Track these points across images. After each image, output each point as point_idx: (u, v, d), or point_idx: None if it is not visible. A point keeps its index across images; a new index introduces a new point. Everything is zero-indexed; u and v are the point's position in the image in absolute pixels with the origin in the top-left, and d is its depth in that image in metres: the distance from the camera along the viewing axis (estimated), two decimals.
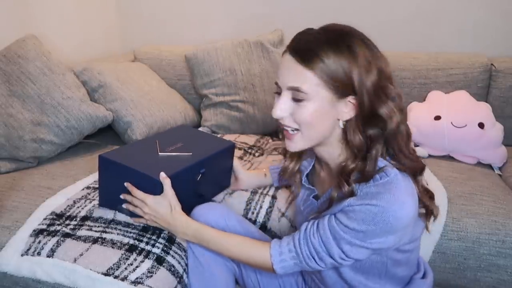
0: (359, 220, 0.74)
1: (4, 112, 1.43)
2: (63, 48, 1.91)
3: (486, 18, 1.88)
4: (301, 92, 0.75)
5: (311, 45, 0.74)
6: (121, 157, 1.04)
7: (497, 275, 1.21)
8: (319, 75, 0.74)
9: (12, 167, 1.45)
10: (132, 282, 0.93)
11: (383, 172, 0.76)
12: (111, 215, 1.11)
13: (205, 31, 2.26)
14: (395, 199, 0.73)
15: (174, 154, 1.08)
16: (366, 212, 0.74)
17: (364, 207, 0.74)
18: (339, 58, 0.73)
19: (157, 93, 1.84)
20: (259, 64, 1.84)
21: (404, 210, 0.74)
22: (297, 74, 0.75)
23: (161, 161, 1.05)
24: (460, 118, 1.57)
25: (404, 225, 0.75)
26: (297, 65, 0.75)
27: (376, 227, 0.73)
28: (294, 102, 0.78)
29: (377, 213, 0.73)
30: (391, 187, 0.74)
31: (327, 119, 0.78)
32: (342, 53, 0.73)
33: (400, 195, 0.74)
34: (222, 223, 1.00)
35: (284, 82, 0.78)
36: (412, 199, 0.76)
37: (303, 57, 0.74)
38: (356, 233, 0.76)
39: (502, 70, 1.75)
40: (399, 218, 0.73)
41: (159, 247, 1.03)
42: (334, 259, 0.79)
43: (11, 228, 1.11)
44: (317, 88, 0.75)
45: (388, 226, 0.73)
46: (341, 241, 0.77)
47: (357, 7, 1.98)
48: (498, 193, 1.33)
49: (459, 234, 1.21)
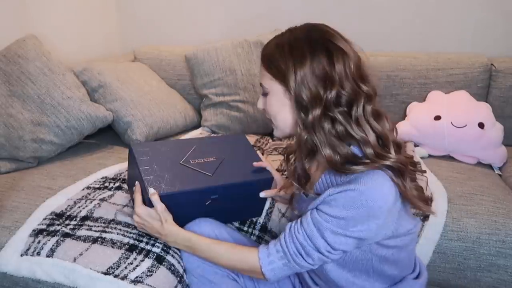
0: (340, 206, 0.77)
1: (4, 112, 1.44)
2: (63, 48, 1.91)
3: (486, 18, 1.88)
4: (263, 87, 0.88)
5: (268, 48, 0.87)
6: (143, 153, 1.02)
7: (497, 275, 1.21)
8: (269, 71, 0.85)
9: (12, 167, 1.45)
10: (132, 281, 0.93)
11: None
12: (111, 215, 1.11)
13: (205, 31, 2.26)
14: (373, 181, 0.75)
15: (193, 169, 1.02)
16: (346, 198, 0.76)
17: (344, 193, 0.77)
18: (281, 56, 0.82)
19: (157, 93, 1.84)
20: (259, 64, 1.84)
21: (383, 192, 0.76)
22: (261, 72, 0.89)
23: (173, 172, 1.00)
24: (460, 118, 1.57)
25: (384, 209, 0.76)
26: (261, 65, 0.89)
27: (357, 212, 0.75)
28: (265, 97, 0.90)
29: (356, 197, 0.75)
30: (369, 172, 0.76)
31: (285, 110, 0.86)
32: (284, 52, 0.82)
33: (377, 178, 0.76)
34: (212, 236, 1.00)
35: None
36: (390, 184, 0.77)
37: (262, 58, 0.88)
38: (338, 220, 0.77)
39: (502, 70, 1.75)
40: (378, 200, 0.75)
41: (159, 246, 1.03)
42: (321, 252, 0.80)
43: (11, 228, 1.11)
44: (271, 82, 0.85)
45: (368, 210, 0.75)
46: (325, 232, 0.79)
47: (357, 7, 1.98)
48: (498, 193, 1.33)
49: (459, 234, 1.21)
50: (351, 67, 0.80)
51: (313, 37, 0.82)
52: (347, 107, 0.80)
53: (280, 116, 0.87)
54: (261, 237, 1.18)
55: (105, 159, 1.56)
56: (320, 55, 0.79)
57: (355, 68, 0.80)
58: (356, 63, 0.81)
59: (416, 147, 1.66)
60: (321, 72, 0.79)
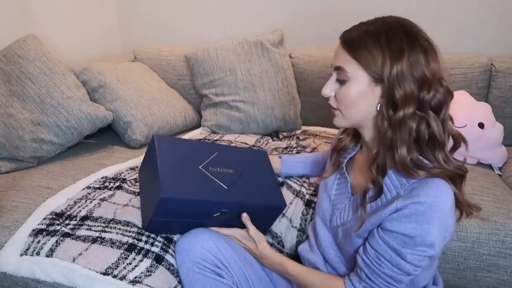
0: (413, 222, 0.74)
1: (4, 112, 1.44)
2: (63, 48, 1.91)
3: (486, 18, 1.88)
4: (344, 72, 0.81)
5: (355, 33, 0.81)
6: (165, 148, 0.99)
7: (497, 275, 1.20)
8: (358, 59, 0.79)
9: (12, 167, 1.45)
10: (131, 281, 0.93)
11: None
12: (111, 215, 1.11)
13: (205, 31, 2.26)
14: (440, 192, 0.74)
15: (210, 177, 0.99)
16: (415, 212, 0.74)
17: (412, 208, 0.75)
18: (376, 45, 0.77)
19: (157, 93, 1.84)
20: (259, 64, 1.84)
21: (448, 200, 0.75)
22: (342, 56, 0.82)
23: (191, 175, 0.97)
24: (460, 118, 1.57)
25: (452, 219, 0.76)
26: (342, 49, 0.82)
27: (430, 225, 0.74)
28: (338, 83, 0.84)
29: (426, 211, 0.73)
30: (432, 182, 0.75)
31: (365, 101, 0.81)
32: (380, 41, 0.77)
33: (442, 187, 0.75)
34: (212, 246, 0.99)
35: (333, 63, 0.84)
36: (451, 192, 0.77)
37: (347, 42, 0.81)
38: (412, 239, 0.75)
39: (502, 70, 1.75)
40: (445, 210, 0.74)
41: (158, 245, 1.03)
42: (411, 274, 0.78)
43: (11, 228, 1.11)
44: (356, 70, 0.80)
45: (440, 220, 0.74)
46: (407, 256, 0.77)
47: (357, 7, 1.98)
48: (498, 193, 1.33)
49: (459, 234, 1.21)
50: (440, 67, 0.78)
51: (408, 31, 0.78)
52: (437, 108, 0.78)
53: (356, 107, 0.82)
54: None
55: (105, 159, 1.56)
56: (418, 52, 0.76)
57: (441, 68, 0.79)
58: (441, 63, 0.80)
59: None
60: (419, 70, 0.76)
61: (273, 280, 1.05)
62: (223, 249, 0.99)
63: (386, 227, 0.78)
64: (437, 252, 0.77)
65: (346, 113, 0.85)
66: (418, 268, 0.78)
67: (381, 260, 0.79)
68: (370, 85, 0.80)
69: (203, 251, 0.97)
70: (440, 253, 0.82)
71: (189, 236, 1.01)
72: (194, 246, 0.98)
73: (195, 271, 0.96)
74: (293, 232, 1.18)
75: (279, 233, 1.19)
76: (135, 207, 1.15)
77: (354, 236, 0.85)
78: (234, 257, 1.00)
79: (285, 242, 1.18)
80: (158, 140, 1.01)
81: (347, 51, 0.80)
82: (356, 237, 0.85)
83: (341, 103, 0.84)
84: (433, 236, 0.75)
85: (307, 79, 1.96)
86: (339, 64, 0.82)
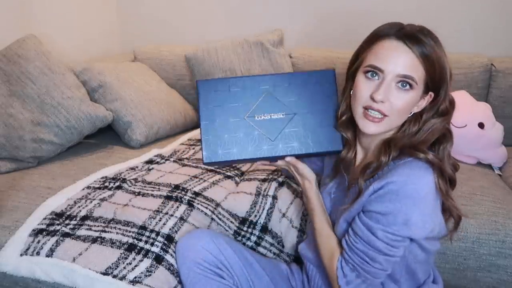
0: (386, 201, 0.77)
1: (4, 112, 1.44)
2: (63, 48, 1.91)
3: (486, 18, 1.88)
4: (412, 82, 0.80)
5: (421, 35, 0.80)
6: (208, 97, 0.94)
7: (497, 275, 1.20)
8: (425, 67, 0.80)
9: (12, 167, 1.45)
10: (131, 281, 0.93)
11: (403, 157, 0.81)
12: (111, 215, 1.11)
13: (205, 31, 2.26)
14: (412, 173, 0.77)
15: (256, 130, 0.94)
16: (388, 192, 0.77)
17: (386, 187, 0.77)
18: (442, 53, 0.81)
19: (157, 93, 1.84)
20: (259, 64, 1.84)
21: (423, 182, 0.77)
22: (410, 63, 0.79)
23: (234, 130, 0.93)
24: (460, 118, 1.57)
25: (427, 199, 0.77)
26: (410, 54, 0.79)
27: (402, 204, 0.76)
28: (396, 90, 0.81)
29: (399, 190, 0.76)
30: (411, 166, 0.78)
31: (410, 109, 0.84)
32: (442, 50, 0.82)
33: (419, 171, 0.77)
34: (212, 246, 0.99)
35: (394, 69, 0.80)
36: (431, 178, 0.78)
37: (416, 46, 0.79)
38: (385, 217, 0.78)
39: (502, 70, 1.75)
40: (419, 190, 0.76)
41: (158, 245, 1.03)
42: (384, 253, 0.80)
43: (11, 228, 1.11)
44: (421, 80, 0.81)
45: (412, 199, 0.76)
46: (378, 232, 0.79)
47: (356, 7, 1.98)
48: (498, 193, 1.33)
49: (459, 234, 1.21)
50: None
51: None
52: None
53: (404, 116, 0.84)
54: (261, 237, 1.18)
55: (105, 159, 1.56)
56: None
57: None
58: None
59: None
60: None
61: (273, 280, 1.05)
62: (224, 250, 1.00)
63: (365, 209, 0.82)
64: (416, 235, 0.79)
65: (394, 120, 0.84)
66: (393, 248, 0.79)
67: (356, 237, 0.82)
68: (422, 95, 0.83)
69: (204, 252, 0.97)
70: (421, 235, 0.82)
71: (190, 237, 1.01)
72: (195, 246, 0.98)
73: (196, 272, 0.96)
74: (293, 232, 1.18)
75: (279, 233, 1.19)
76: (135, 207, 1.15)
77: (342, 220, 0.88)
78: (235, 257, 1.00)
79: (285, 242, 1.18)
80: (202, 87, 0.94)
81: (423, 65, 0.80)
82: (343, 222, 0.88)
83: (391, 109, 0.81)
84: (407, 216, 0.76)
85: None
86: (409, 72, 0.80)
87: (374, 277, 0.83)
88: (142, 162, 1.49)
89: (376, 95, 0.80)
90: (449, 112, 0.85)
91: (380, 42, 0.82)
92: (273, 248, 1.17)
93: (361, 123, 0.84)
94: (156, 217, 1.10)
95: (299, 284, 1.06)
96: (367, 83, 0.82)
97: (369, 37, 0.86)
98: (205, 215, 1.16)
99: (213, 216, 1.17)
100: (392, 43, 0.81)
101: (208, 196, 1.22)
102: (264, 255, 1.16)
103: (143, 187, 1.26)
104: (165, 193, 1.21)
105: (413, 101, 0.82)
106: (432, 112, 0.85)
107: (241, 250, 1.04)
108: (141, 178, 1.33)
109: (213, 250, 0.98)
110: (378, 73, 0.81)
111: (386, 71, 0.80)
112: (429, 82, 0.82)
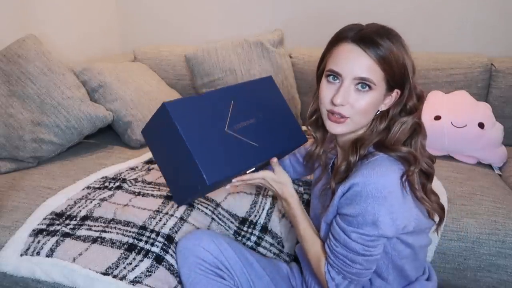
0: (354, 203, 0.79)
1: (4, 112, 1.44)
2: (63, 48, 1.91)
3: (486, 18, 1.88)
4: (370, 83, 0.80)
5: (376, 37, 0.80)
6: (182, 116, 0.85)
7: (497, 275, 1.20)
8: (382, 68, 0.80)
9: (12, 167, 1.45)
10: (131, 282, 0.93)
11: (372, 156, 0.82)
12: (111, 215, 1.11)
13: (205, 31, 2.26)
14: (374, 172, 0.77)
15: (240, 139, 0.91)
16: (354, 194, 0.78)
17: (351, 189, 0.79)
18: (400, 52, 0.81)
19: (157, 93, 1.84)
20: (259, 64, 1.84)
21: (385, 180, 0.77)
22: (366, 65, 0.80)
23: (219, 143, 0.88)
24: (460, 118, 1.57)
25: (392, 197, 0.77)
26: (365, 57, 0.80)
27: (368, 204, 0.77)
28: (355, 92, 0.82)
29: (362, 191, 0.77)
30: (374, 165, 0.79)
31: (375, 109, 0.85)
32: (400, 48, 0.82)
33: (380, 169, 0.78)
34: (213, 247, 0.99)
35: (350, 72, 0.81)
36: (394, 175, 0.79)
37: (371, 48, 0.79)
38: (355, 218, 0.79)
39: (502, 70, 1.75)
40: (381, 189, 0.76)
41: (158, 245, 1.03)
42: (362, 253, 0.81)
43: (11, 228, 1.11)
44: (381, 80, 0.81)
45: (376, 198, 0.76)
46: (352, 234, 0.80)
47: (356, 7, 1.98)
48: (498, 193, 1.33)
49: (459, 234, 1.21)
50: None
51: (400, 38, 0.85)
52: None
53: (367, 116, 0.85)
54: (261, 237, 1.18)
55: (105, 159, 1.56)
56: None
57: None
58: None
59: None
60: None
61: (273, 280, 1.05)
62: (224, 250, 1.00)
63: (338, 211, 0.84)
64: (387, 234, 0.79)
65: (358, 121, 0.84)
66: (370, 248, 0.80)
67: (335, 241, 0.84)
68: (386, 95, 0.84)
69: (205, 253, 0.98)
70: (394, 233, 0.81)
71: (191, 237, 1.02)
72: (196, 247, 0.98)
73: (197, 272, 0.96)
74: (293, 232, 1.18)
75: (279, 233, 1.19)
76: (135, 207, 1.15)
77: (323, 223, 0.89)
78: (235, 258, 1.00)
79: (285, 242, 1.18)
80: (172, 109, 0.84)
81: (379, 65, 0.80)
82: (324, 224, 0.89)
83: (353, 110, 0.82)
84: (374, 216, 0.77)
85: (307, 79, 1.96)
86: (363, 74, 0.80)
87: (359, 277, 0.84)
88: (142, 162, 1.49)
89: (335, 99, 0.82)
90: (418, 108, 0.87)
91: (339, 45, 0.83)
92: (273, 248, 1.17)
93: (327, 124, 0.87)
94: (156, 217, 1.10)
95: (299, 283, 1.06)
96: (328, 87, 0.84)
97: (331, 40, 0.87)
98: (205, 215, 1.16)
99: (213, 216, 1.17)
100: (348, 47, 0.82)
101: (208, 196, 1.22)
102: (264, 255, 1.16)
103: (143, 187, 1.26)
104: (165, 193, 1.21)
105: (375, 101, 0.83)
106: (398, 108, 0.86)
107: (242, 251, 1.04)
108: (141, 178, 1.33)
109: (214, 250, 0.98)
110: (337, 77, 0.83)
111: (343, 75, 0.81)
112: (390, 81, 0.82)
